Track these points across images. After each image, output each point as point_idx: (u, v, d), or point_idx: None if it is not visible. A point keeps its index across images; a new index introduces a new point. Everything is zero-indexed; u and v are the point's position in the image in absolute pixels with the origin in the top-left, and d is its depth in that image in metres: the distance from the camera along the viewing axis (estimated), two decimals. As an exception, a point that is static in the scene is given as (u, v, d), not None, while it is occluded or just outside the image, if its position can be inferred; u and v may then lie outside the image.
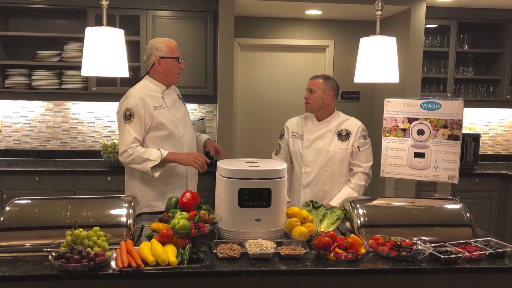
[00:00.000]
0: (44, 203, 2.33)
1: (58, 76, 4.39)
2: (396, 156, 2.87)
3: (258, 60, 5.07)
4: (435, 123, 2.78)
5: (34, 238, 2.10)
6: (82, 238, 1.95)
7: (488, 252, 2.11)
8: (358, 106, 5.12)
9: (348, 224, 2.42)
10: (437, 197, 2.82)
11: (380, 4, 2.44)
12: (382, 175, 2.93)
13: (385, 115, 2.89)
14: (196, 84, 4.41)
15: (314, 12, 4.63)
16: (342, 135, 2.99)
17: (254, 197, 2.20)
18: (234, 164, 2.32)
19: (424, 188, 2.98)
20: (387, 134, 2.89)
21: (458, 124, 2.74)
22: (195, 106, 4.81)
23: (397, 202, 2.57)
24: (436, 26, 4.74)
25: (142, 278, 1.89)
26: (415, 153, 2.83)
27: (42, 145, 4.72)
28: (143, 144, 2.87)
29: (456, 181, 2.77)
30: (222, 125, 4.19)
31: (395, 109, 2.86)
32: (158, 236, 2.04)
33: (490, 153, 5.25)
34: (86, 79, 4.34)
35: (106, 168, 4.23)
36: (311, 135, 3.03)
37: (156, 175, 2.81)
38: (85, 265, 1.84)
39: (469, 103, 4.64)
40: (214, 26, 4.39)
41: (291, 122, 3.17)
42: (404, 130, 2.85)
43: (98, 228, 2.04)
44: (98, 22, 3.83)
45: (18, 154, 4.67)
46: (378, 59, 2.42)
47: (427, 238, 2.26)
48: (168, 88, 3.00)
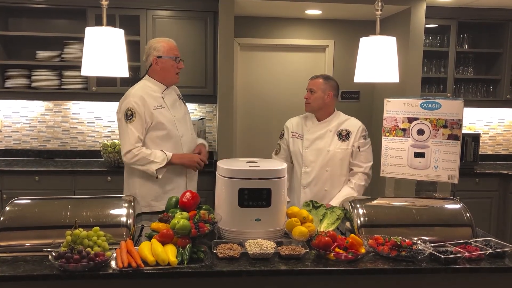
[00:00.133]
0: (44, 203, 2.33)
1: (58, 76, 4.39)
2: (396, 156, 2.87)
3: (258, 60, 5.07)
4: (435, 123, 2.78)
5: (34, 238, 2.10)
6: (82, 238, 1.95)
7: (488, 252, 2.11)
8: (358, 106, 5.12)
9: (348, 224, 2.42)
10: (437, 197, 2.82)
11: (380, 4, 2.44)
12: (382, 175, 2.93)
13: (385, 115, 2.89)
14: (196, 84, 4.41)
15: (314, 12, 4.63)
16: (342, 135, 2.99)
17: (254, 197, 2.20)
18: (234, 164, 2.32)
19: (424, 188, 2.98)
20: (387, 134, 2.89)
21: (458, 124, 2.74)
22: (195, 106, 4.81)
23: (397, 202, 2.57)
24: (436, 26, 4.74)
25: (142, 278, 1.89)
26: (415, 153, 2.83)
27: (42, 145, 4.72)
28: (144, 144, 2.87)
29: (456, 181, 2.77)
30: (222, 125, 4.19)
31: (395, 109, 2.86)
32: (158, 236, 2.04)
33: (490, 153, 5.25)
34: (86, 79, 4.34)
35: (106, 168, 4.23)
36: (311, 135, 3.03)
37: (159, 177, 2.84)
38: (85, 265, 1.84)
39: (469, 103, 4.64)
40: (214, 26, 4.39)
41: (291, 122, 3.16)
42: (404, 130, 2.85)
43: (98, 228, 2.04)
44: (98, 22, 3.83)
45: (18, 154, 4.67)
46: (378, 59, 2.42)
47: (427, 238, 2.26)
48: (168, 88, 3.00)
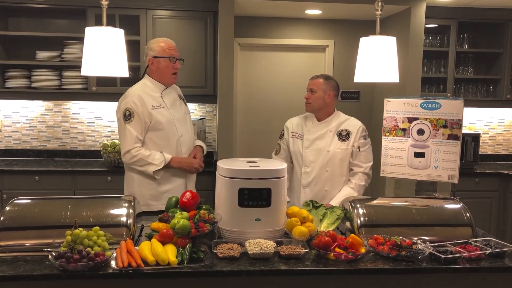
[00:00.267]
0: (44, 203, 2.33)
1: (58, 76, 4.39)
2: (396, 155, 2.87)
3: (258, 60, 5.07)
4: (435, 123, 2.78)
5: (34, 237, 2.10)
6: (82, 237, 1.95)
7: (488, 251, 2.11)
8: (358, 106, 5.12)
9: (348, 223, 2.42)
10: (437, 196, 2.82)
11: (380, 3, 2.44)
12: (382, 175, 2.93)
13: (385, 115, 2.89)
14: (196, 83, 4.41)
15: (314, 11, 4.63)
16: (342, 135, 2.99)
17: (254, 196, 2.20)
18: (234, 163, 2.32)
19: (424, 187, 2.98)
20: (387, 134, 2.89)
21: (458, 123, 2.74)
22: (195, 106, 4.81)
23: (397, 202, 2.57)
24: (436, 25, 4.73)
25: (142, 278, 1.89)
26: (415, 152, 2.83)
27: (42, 144, 4.72)
28: (142, 143, 2.87)
29: (456, 180, 2.77)
30: (222, 125, 4.19)
31: (395, 108, 2.86)
32: (158, 235, 2.04)
33: (490, 152, 5.25)
34: (86, 79, 4.34)
35: (106, 167, 4.23)
36: (311, 135, 3.03)
37: (157, 177, 2.86)
38: (85, 264, 1.84)
39: (469, 103, 4.65)
40: (214, 25, 4.39)
41: (291, 122, 3.16)
42: (404, 129, 2.85)
43: (98, 227, 2.04)
44: (98, 22, 3.84)
45: (18, 153, 4.67)
46: (378, 59, 2.42)
47: (427, 238, 2.26)
48: (167, 87, 3.00)
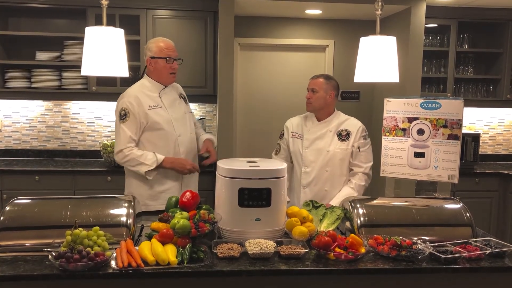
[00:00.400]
0: (44, 203, 2.33)
1: (58, 75, 4.39)
2: (396, 155, 2.87)
3: (258, 59, 5.07)
4: (435, 123, 2.78)
5: (34, 237, 2.10)
6: (82, 237, 1.95)
7: (488, 251, 2.11)
8: (358, 106, 5.12)
9: (348, 223, 2.42)
10: (437, 196, 2.82)
11: (380, 3, 2.44)
12: (382, 175, 2.93)
13: (385, 115, 2.89)
14: (196, 83, 4.41)
15: (314, 11, 4.63)
16: (342, 135, 2.99)
17: (254, 196, 2.20)
18: (234, 163, 2.32)
19: (424, 187, 2.98)
20: (387, 134, 2.89)
21: (458, 123, 2.74)
22: (195, 105, 4.81)
23: (397, 202, 2.57)
24: (436, 25, 4.73)
25: (142, 278, 1.89)
26: (415, 152, 2.83)
27: (42, 144, 4.72)
28: (139, 144, 2.88)
29: (456, 180, 2.77)
30: (222, 124, 4.19)
31: (395, 108, 2.86)
32: (158, 235, 2.04)
33: (490, 152, 5.25)
34: (86, 79, 4.34)
35: (106, 167, 4.23)
36: (311, 135, 3.03)
37: (149, 178, 2.86)
38: (85, 264, 1.84)
39: (469, 103, 4.65)
40: (214, 25, 4.39)
41: (291, 122, 3.16)
42: (404, 129, 2.85)
43: (98, 227, 2.04)
44: (98, 22, 3.84)
45: (18, 153, 4.67)
46: (378, 59, 2.42)
47: (427, 238, 2.26)
48: (166, 87, 2.99)
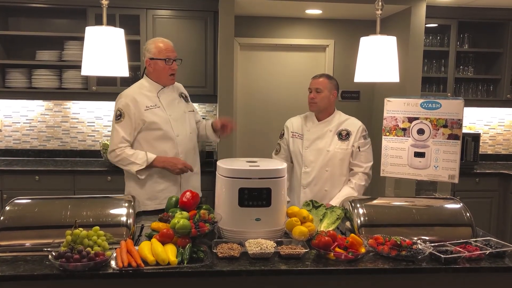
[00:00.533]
0: (44, 203, 2.33)
1: (58, 75, 4.39)
2: (396, 155, 2.87)
3: (258, 59, 5.07)
4: (435, 123, 2.78)
5: (34, 237, 2.10)
6: (82, 237, 1.95)
7: (488, 251, 2.11)
8: (358, 106, 5.12)
9: (348, 223, 2.42)
10: (437, 196, 2.82)
11: (380, 3, 2.44)
12: (382, 175, 2.93)
13: (385, 115, 2.89)
14: (196, 83, 4.40)
15: (314, 11, 4.63)
16: (342, 135, 2.99)
17: (254, 196, 2.19)
18: (234, 163, 2.32)
19: (424, 187, 2.98)
20: (387, 134, 2.88)
21: (458, 123, 2.74)
22: (195, 105, 4.78)
23: (397, 202, 2.56)
24: (436, 25, 4.73)
25: (142, 278, 1.89)
26: (415, 152, 2.82)
27: (42, 144, 4.72)
28: (137, 144, 2.89)
29: (456, 180, 2.77)
30: (222, 124, 4.18)
31: (395, 108, 2.86)
32: (158, 235, 2.04)
33: (490, 152, 5.25)
34: (86, 79, 4.34)
35: (106, 167, 4.23)
36: (311, 135, 3.03)
37: (141, 177, 2.87)
38: (85, 264, 1.84)
39: (469, 103, 4.64)
40: (214, 25, 4.39)
41: (291, 122, 3.16)
42: (404, 129, 2.85)
43: (98, 227, 2.04)
44: (98, 22, 3.84)
45: (18, 153, 4.67)
46: (378, 59, 2.42)
47: (427, 238, 2.25)
48: (165, 87, 2.99)
